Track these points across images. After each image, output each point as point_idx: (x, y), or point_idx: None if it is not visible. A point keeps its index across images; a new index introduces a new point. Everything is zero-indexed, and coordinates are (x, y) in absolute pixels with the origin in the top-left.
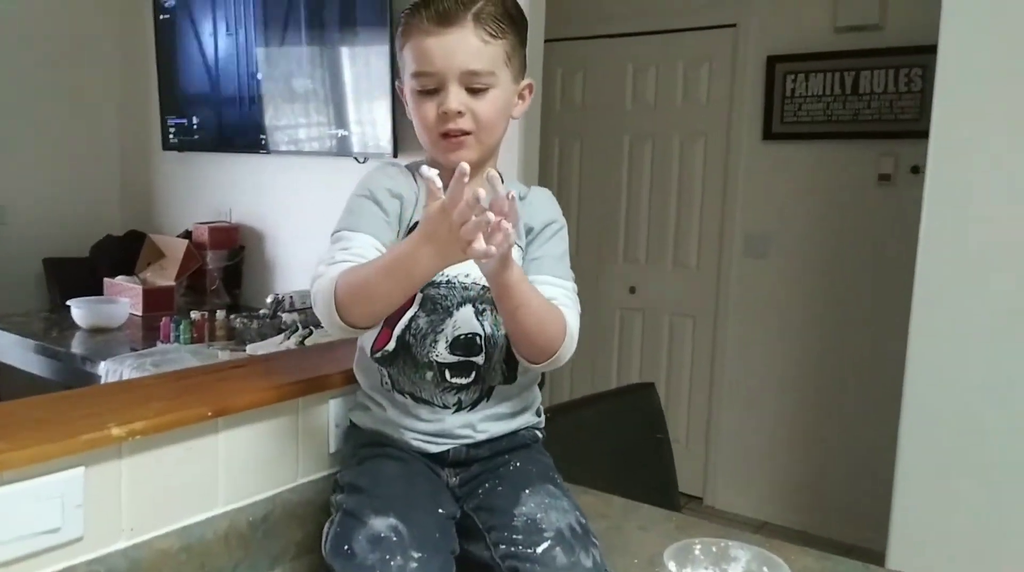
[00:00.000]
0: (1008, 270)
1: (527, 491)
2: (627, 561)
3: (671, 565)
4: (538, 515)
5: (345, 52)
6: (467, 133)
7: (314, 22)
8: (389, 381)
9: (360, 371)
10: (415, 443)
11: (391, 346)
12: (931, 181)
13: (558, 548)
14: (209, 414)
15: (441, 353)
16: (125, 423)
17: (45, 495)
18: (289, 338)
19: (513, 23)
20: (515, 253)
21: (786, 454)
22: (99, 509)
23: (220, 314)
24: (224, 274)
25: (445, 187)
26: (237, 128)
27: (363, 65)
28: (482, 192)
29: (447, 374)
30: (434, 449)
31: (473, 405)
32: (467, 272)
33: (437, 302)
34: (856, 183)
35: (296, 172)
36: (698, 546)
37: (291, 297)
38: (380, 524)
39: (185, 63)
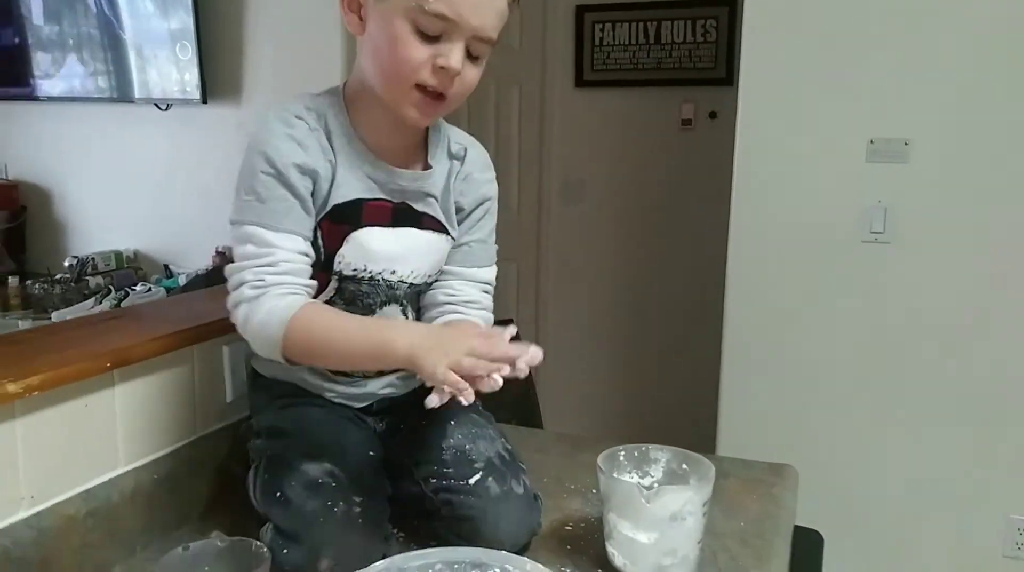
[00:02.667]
0: (813, 201)
1: (452, 422)
2: (537, 481)
3: (608, 471)
4: (467, 445)
5: None
6: (443, 97)
7: None
8: None
9: None
10: (337, 400)
11: None
12: (743, 119)
13: (490, 478)
14: (108, 365)
15: None
16: (20, 378)
17: None
18: (101, 302)
19: None
20: (444, 242)
21: (614, 387)
22: None
23: (13, 281)
24: (5, 237)
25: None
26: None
27: (159, 3)
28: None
29: None
30: (358, 405)
31: (394, 371)
32: (392, 269)
33: (358, 298)
34: (662, 128)
35: (81, 122)
36: (622, 452)
37: (93, 259)
38: (315, 469)
39: None
